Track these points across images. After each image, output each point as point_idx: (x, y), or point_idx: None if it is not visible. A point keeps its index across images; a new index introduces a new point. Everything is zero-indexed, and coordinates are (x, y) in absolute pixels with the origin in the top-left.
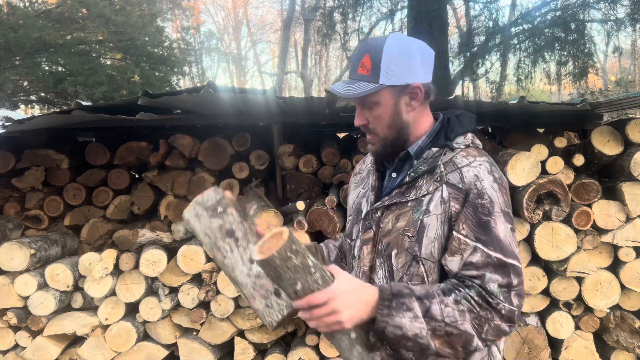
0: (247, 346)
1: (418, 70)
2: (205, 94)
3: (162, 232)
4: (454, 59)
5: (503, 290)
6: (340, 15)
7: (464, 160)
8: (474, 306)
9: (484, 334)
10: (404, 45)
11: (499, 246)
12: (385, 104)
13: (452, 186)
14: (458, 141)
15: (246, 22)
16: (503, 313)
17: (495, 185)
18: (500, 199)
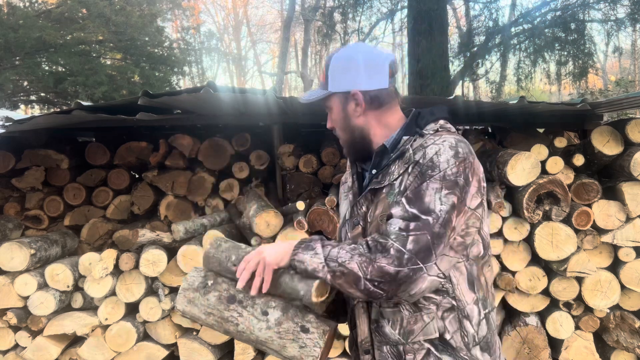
0: (247, 346)
1: (360, 78)
2: (205, 94)
3: (162, 232)
4: (454, 59)
5: (400, 233)
6: (340, 15)
7: (430, 140)
8: (365, 249)
9: (369, 274)
10: (350, 55)
11: (419, 204)
12: (336, 109)
13: (416, 163)
14: (428, 127)
15: (246, 22)
16: (391, 252)
17: (452, 160)
18: (450, 170)
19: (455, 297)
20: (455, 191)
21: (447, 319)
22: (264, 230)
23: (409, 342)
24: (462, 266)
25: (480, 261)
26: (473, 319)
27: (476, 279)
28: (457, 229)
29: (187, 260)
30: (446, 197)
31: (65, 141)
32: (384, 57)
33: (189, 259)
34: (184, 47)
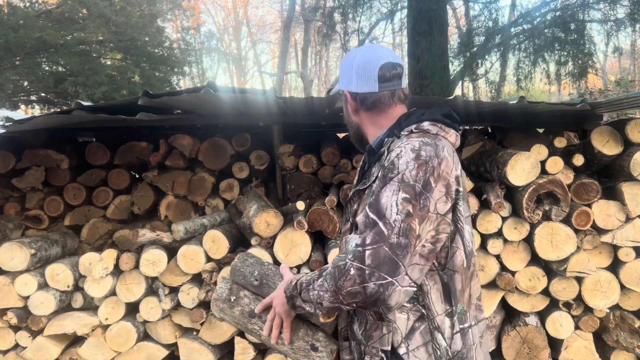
0: (247, 346)
1: (351, 81)
2: (205, 94)
3: (162, 232)
4: (454, 59)
5: (357, 249)
6: (340, 16)
7: (398, 142)
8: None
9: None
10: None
11: (377, 209)
12: (343, 104)
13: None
14: (406, 129)
15: (246, 22)
16: (351, 273)
17: (412, 162)
18: (410, 173)
19: (425, 305)
20: (412, 196)
21: (419, 329)
22: (264, 230)
23: (369, 345)
24: (436, 275)
25: (467, 272)
26: (445, 332)
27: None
28: (425, 236)
29: (187, 260)
30: (402, 205)
31: (66, 141)
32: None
33: (189, 259)
34: (184, 47)
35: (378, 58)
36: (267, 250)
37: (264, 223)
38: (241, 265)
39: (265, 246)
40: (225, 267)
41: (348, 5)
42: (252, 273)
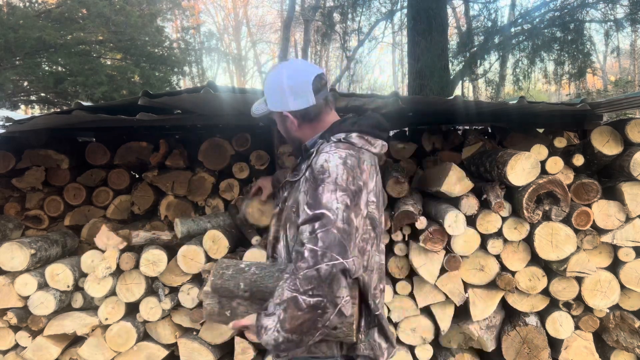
0: (247, 346)
1: (287, 101)
2: (205, 94)
3: (159, 231)
4: (454, 59)
5: (310, 236)
6: (339, 15)
7: (327, 149)
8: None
9: (299, 287)
10: (276, 80)
11: (318, 205)
12: (278, 122)
13: (310, 167)
14: (336, 136)
15: (246, 22)
16: (305, 255)
17: (341, 167)
18: (340, 176)
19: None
20: (348, 193)
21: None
22: (259, 219)
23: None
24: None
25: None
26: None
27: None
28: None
29: (187, 260)
30: (341, 198)
31: (66, 141)
32: (307, 78)
33: (189, 259)
34: (184, 47)
35: (306, 73)
36: (267, 250)
37: (257, 212)
38: (221, 282)
39: (265, 246)
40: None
41: (348, 5)
42: (238, 286)
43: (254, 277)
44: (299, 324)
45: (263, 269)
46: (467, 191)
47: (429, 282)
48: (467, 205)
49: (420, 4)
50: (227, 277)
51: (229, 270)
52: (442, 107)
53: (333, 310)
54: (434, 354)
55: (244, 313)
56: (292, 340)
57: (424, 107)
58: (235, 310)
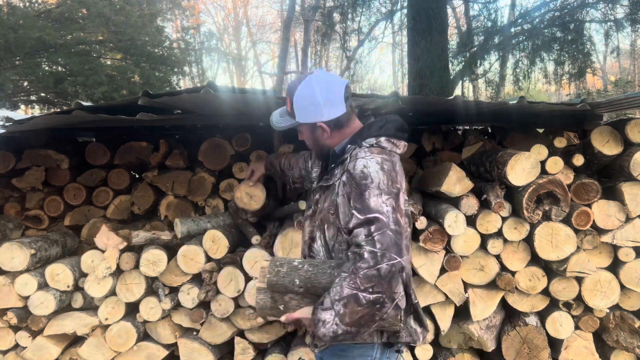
0: (247, 346)
1: (322, 112)
2: (205, 94)
3: (158, 231)
4: (454, 59)
5: (367, 239)
6: (339, 15)
7: (362, 154)
8: (346, 271)
9: (360, 285)
10: (309, 92)
11: (367, 210)
12: (305, 133)
13: (348, 172)
14: (367, 141)
15: (246, 22)
16: (365, 257)
17: (380, 172)
18: (382, 181)
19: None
20: (392, 196)
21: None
22: (248, 203)
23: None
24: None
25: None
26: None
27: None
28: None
29: (187, 260)
30: (388, 201)
31: (66, 141)
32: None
33: (189, 259)
34: (184, 47)
35: (336, 84)
36: (267, 250)
37: (245, 196)
38: (277, 279)
39: (265, 246)
40: (225, 267)
41: (347, 5)
42: (293, 282)
43: (308, 274)
44: (358, 318)
45: (316, 267)
46: (467, 191)
47: (428, 282)
48: (467, 205)
49: (420, 4)
50: (282, 274)
51: (283, 267)
52: (442, 107)
53: (390, 305)
54: (434, 354)
55: (296, 307)
56: (350, 332)
57: (424, 107)
58: (287, 304)
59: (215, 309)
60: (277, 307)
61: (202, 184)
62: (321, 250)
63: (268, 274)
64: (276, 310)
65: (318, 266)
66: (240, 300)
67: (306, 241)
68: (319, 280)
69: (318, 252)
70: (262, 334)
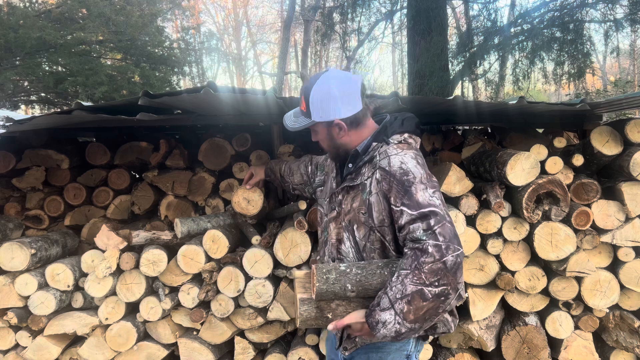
0: (247, 346)
1: (339, 109)
2: (205, 94)
3: (158, 231)
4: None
5: (427, 233)
6: (339, 15)
7: (394, 151)
8: (407, 268)
9: (425, 280)
10: (325, 89)
11: (419, 205)
12: (321, 133)
13: (382, 169)
14: (393, 137)
15: (246, 23)
16: (430, 250)
17: (419, 167)
18: (423, 176)
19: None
20: (436, 189)
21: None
22: (245, 208)
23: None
24: None
25: None
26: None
27: None
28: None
29: (187, 260)
30: (436, 194)
31: (66, 141)
32: (355, 84)
33: (189, 258)
34: (184, 47)
35: (352, 80)
36: (267, 250)
37: (243, 200)
38: (327, 287)
39: (265, 246)
40: (225, 267)
41: (347, 5)
42: (345, 287)
43: (358, 277)
44: (422, 313)
45: (364, 269)
46: (467, 191)
47: None
48: (466, 205)
49: (419, 4)
50: (332, 280)
51: (331, 274)
52: (441, 107)
53: (454, 295)
54: (433, 354)
55: (344, 313)
56: (413, 329)
57: (423, 107)
58: (334, 311)
59: (215, 308)
60: (324, 316)
61: (202, 184)
62: (350, 252)
63: (317, 282)
64: (323, 320)
65: (366, 268)
66: (240, 300)
67: (333, 244)
68: (370, 282)
69: (347, 254)
70: (262, 333)
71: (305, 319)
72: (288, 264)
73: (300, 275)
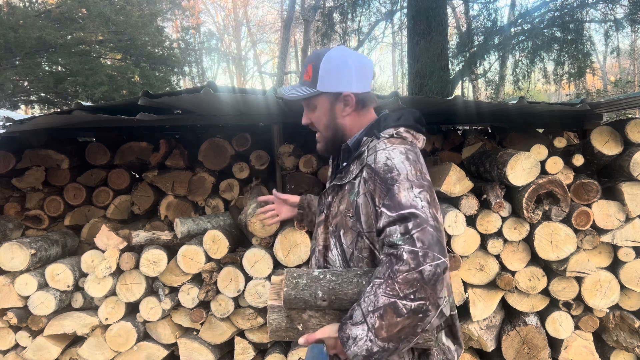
0: (247, 346)
1: (352, 81)
2: (205, 94)
3: (158, 231)
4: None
5: (405, 237)
6: (339, 15)
7: (382, 146)
8: (380, 277)
9: (399, 291)
10: (340, 58)
11: (399, 206)
12: (323, 107)
13: (369, 166)
14: (385, 131)
15: (246, 23)
16: (404, 257)
17: (407, 163)
18: (410, 172)
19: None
20: (425, 189)
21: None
22: (259, 231)
23: None
24: None
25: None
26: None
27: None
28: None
29: (187, 260)
30: (421, 194)
31: (66, 141)
32: (370, 64)
33: (189, 259)
34: (184, 47)
35: (367, 59)
36: (267, 250)
37: (259, 223)
38: (295, 292)
39: (265, 246)
40: (225, 267)
41: (347, 5)
42: (315, 295)
43: (331, 285)
44: (397, 331)
45: (339, 276)
46: (467, 191)
47: None
48: (467, 205)
49: (420, 4)
50: (301, 286)
51: (302, 279)
52: (442, 107)
53: (435, 312)
54: None
55: (317, 325)
56: (387, 349)
57: (423, 107)
58: (306, 323)
59: (215, 308)
60: (294, 328)
61: (202, 184)
62: (337, 260)
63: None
64: (293, 332)
65: (342, 275)
66: (240, 300)
67: (320, 250)
68: (345, 291)
69: (334, 263)
70: (262, 333)
71: (275, 329)
72: (288, 264)
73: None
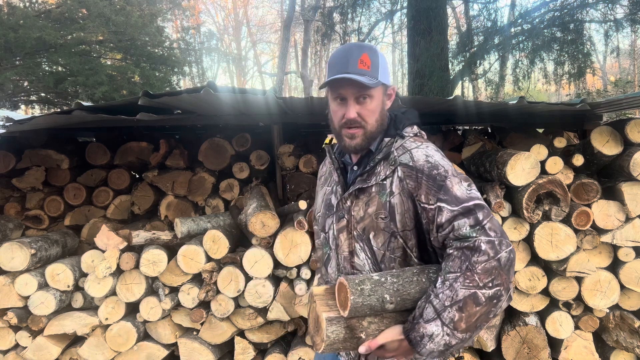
0: (247, 346)
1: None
2: (205, 94)
3: (158, 231)
4: (454, 59)
5: (476, 229)
6: (339, 15)
7: (413, 144)
8: (455, 271)
9: (479, 282)
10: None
11: (459, 200)
12: (378, 99)
13: (405, 165)
14: (407, 130)
15: (246, 23)
16: (483, 248)
17: (445, 160)
18: (450, 168)
19: None
20: (470, 181)
21: None
22: (259, 230)
23: None
24: None
25: None
26: None
27: None
28: None
29: (187, 260)
30: (471, 187)
31: (66, 141)
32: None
33: (189, 258)
34: (184, 47)
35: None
36: (267, 250)
37: (259, 223)
38: (362, 299)
39: (265, 246)
40: (225, 267)
41: (347, 5)
42: (383, 299)
43: (395, 287)
44: (475, 320)
45: (399, 277)
46: None
47: None
48: None
49: (419, 4)
50: (367, 292)
51: (366, 284)
52: (442, 107)
53: (506, 296)
54: None
55: (376, 331)
56: (464, 340)
57: (423, 107)
58: (367, 330)
59: (215, 308)
60: (355, 337)
61: (202, 184)
62: (366, 264)
63: (351, 295)
64: (352, 341)
65: (401, 276)
66: (240, 300)
67: (346, 257)
68: (408, 291)
69: (362, 267)
70: (262, 333)
71: (332, 342)
72: (288, 264)
73: (319, 291)
